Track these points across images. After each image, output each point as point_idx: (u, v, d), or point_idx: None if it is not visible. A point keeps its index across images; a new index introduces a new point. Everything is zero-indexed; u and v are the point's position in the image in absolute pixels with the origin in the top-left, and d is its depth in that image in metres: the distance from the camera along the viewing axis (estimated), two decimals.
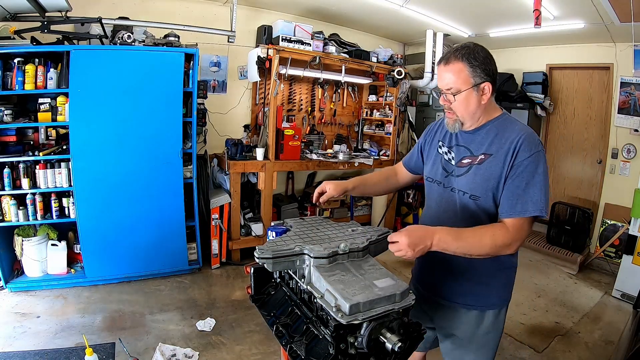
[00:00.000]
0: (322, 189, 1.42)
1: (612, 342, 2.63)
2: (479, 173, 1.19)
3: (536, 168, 1.11)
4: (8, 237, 2.89)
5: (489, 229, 1.13)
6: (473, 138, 1.24)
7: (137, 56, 2.87)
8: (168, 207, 3.10)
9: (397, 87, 4.23)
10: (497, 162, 1.16)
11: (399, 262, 3.57)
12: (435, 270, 1.33)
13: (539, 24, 2.80)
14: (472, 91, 1.16)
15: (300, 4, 3.93)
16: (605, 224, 3.97)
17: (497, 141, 1.18)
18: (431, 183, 1.37)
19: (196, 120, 3.14)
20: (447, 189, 1.29)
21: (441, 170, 1.32)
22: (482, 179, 1.18)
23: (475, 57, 1.14)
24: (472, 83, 1.15)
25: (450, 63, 1.16)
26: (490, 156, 1.18)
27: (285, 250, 1.05)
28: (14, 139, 2.76)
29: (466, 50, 1.15)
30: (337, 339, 0.90)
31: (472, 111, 1.19)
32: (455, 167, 1.26)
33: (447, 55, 1.18)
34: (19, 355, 2.06)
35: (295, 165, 3.81)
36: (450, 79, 1.16)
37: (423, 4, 3.65)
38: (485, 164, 1.18)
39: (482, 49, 1.17)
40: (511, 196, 1.13)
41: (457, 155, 1.27)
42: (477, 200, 1.19)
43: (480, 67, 1.14)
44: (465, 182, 1.22)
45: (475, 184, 1.19)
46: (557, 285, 3.55)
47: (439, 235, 1.08)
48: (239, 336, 2.47)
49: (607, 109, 4.00)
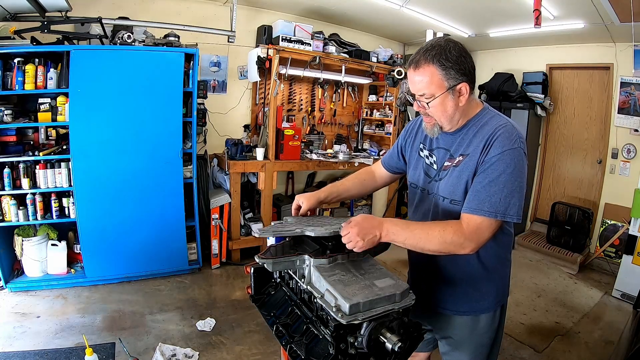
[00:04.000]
0: (297, 204, 1.37)
1: (612, 342, 2.63)
2: (455, 175, 1.13)
3: (505, 167, 1.02)
4: (8, 237, 2.89)
5: (441, 224, 1.07)
6: (454, 139, 1.16)
7: (137, 56, 2.87)
8: (168, 207, 3.10)
9: (397, 87, 4.23)
10: (472, 161, 1.09)
11: (399, 262, 3.57)
12: (426, 278, 1.30)
13: (539, 24, 2.80)
14: (447, 95, 1.06)
15: (300, 4, 3.93)
16: (605, 224, 3.97)
17: (474, 140, 1.10)
18: (414, 189, 1.31)
19: (196, 120, 3.14)
20: (429, 195, 1.23)
21: (423, 176, 1.25)
22: (458, 181, 1.11)
23: (447, 58, 1.03)
24: (446, 86, 1.05)
25: (420, 67, 1.06)
26: (467, 156, 1.11)
27: (286, 231, 1.04)
28: (14, 139, 2.76)
29: (437, 50, 1.04)
30: (337, 339, 0.90)
31: (450, 115, 1.10)
32: (439, 171, 1.20)
33: (417, 58, 1.06)
34: (19, 355, 2.06)
35: (295, 165, 3.81)
36: (422, 85, 1.07)
37: (423, 4, 3.64)
38: (462, 165, 1.11)
39: (454, 46, 1.05)
40: (471, 192, 1.06)
41: (438, 158, 1.20)
42: (458, 205, 1.11)
43: (453, 68, 1.04)
44: (444, 186, 1.16)
45: (453, 187, 1.13)
46: (557, 285, 3.55)
47: (387, 226, 1.05)
48: (239, 336, 2.47)
49: (607, 109, 4.00)
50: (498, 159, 1.03)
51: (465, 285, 1.23)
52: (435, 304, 1.29)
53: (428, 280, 1.29)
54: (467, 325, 1.26)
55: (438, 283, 1.27)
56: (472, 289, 1.23)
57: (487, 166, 1.05)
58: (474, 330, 1.26)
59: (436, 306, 1.29)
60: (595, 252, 4.01)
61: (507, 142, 1.04)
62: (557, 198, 4.39)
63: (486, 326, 1.26)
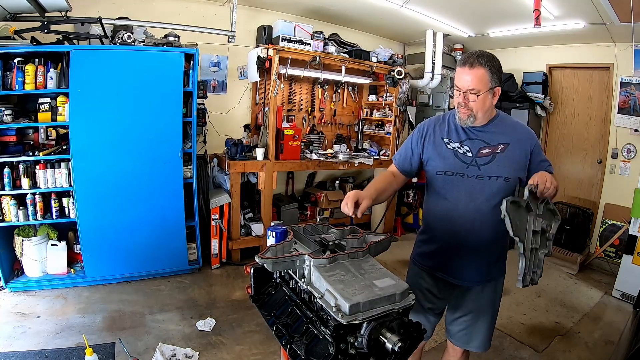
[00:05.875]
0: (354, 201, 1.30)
1: (612, 342, 2.63)
2: (506, 159, 1.39)
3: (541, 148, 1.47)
4: (8, 237, 2.89)
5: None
6: (484, 132, 1.43)
7: (137, 56, 2.87)
8: (168, 207, 3.10)
9: (397, 87, 4.23)
10: (518, 149, 1.40)
11: (399, 262, 3.57)
12: (453, 257, 1.46)
13: (539, 24, 2.80)
14: (488, 93, 1.35)
15: (300, 4, 3.93)
16: (605, 224, 3.97)
17: (507, 133, 1.42)
18: (450, 176, 1.43)
19: (196, 120, 3.14)
20: (471, 177, 1.41)
21: (459, 162, 1.42)
22: (511, 163, 1.39)
23: (494, 65, 1.34)
24: (489, 86, 1.34)
25: (474, 67, 1.32)
26: (509, 145, 1.40)
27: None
28: (14, 139, 2.76)
29: (487, 57, 1.33)
30: (337, 339, 0.90)
31: (486, 109, 1.38)
32: (475, 157, 1.41)
33: (471, 60, 1.33)
34: (19, 355, 2.06)
35: (295, 165, 3.81)
36: (474, 82, 1.33)
37: (423, 4, 3.65)
38: (508, 151, 1.40)
39: (496, 58, 1.37)
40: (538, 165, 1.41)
41: (472, 147, 1.42)
42: (509, 181, 1.38)
43: (496, 74, 1.35)
44: (496, 168, 1.39)
45: (507, 168, 1.38)
46: (557, 285, 3.56)
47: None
48: (239, 336, 2.47)
49: (607, 109, 4.00)
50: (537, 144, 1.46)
51: (487, 258, 1.46)
52: (461, 278, 1.48)
53: (454, 256, 1.46)
54: (491, 291, 1.51)
55: (462, 259, 1.45)
56: (491, 260, 1.48)
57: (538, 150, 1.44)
58: (496, 293, 1.53)
59: (462, 280, 1.48)
60: (595, 252, 4.01)
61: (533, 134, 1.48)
62: (558, 198, 4.36)
63: (500, 289, 1.55)
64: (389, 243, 1.21)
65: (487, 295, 1.52)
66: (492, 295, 1.53)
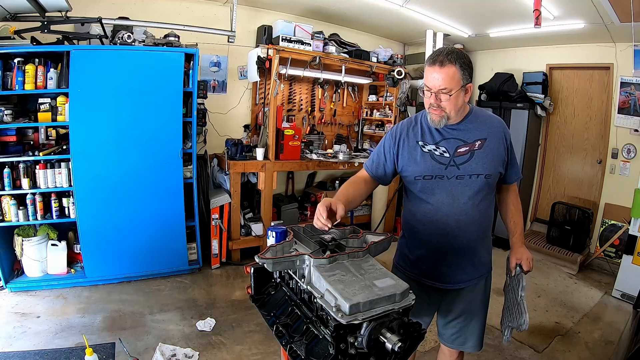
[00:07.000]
0: (329, 209, 1.22)
1: (612, 342, 2.63)
2: (484, 155, 1.37)
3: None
4: (8, 237, 2.89)
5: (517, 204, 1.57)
6: (459, 130, 1.39)
7: (137, 56, 2.87)
8: (168, 207, 3.10)
9: (397, 87, 4.23)
10: (495, 143, 1.39)
11: None
12: (440, 261, 1.43)
13: (539, 24, 2.80)
14: (461, 91, 1.30)
15: (300, 4, 3.93)
16: (605, 224, 3.97)
17: (482, 128, 1.39)
18: (429, 180, 1.38)
19: (196, 120, 3.14)
20: (451, 178, 1.37)
21: (437, 165, 1.38)
22: (490, 158, 1.37)
23: (465, 62, 1.28)
24: (461, 84, 1.29)
25: (445, 66, 1.26)
26: (486, 140, 1.38)
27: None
28: (14, 139, 2.76)
29: (457, 54, 1.28)
30: (337, 339, 0.90)
31: (459, 107, 1.34)
32: (453, 157, 1.37)
33: (441, 58, 1.27)
34: (19, 355, 2.06)
35: (295, 165, 3.81)
36: (446, 80, 1.27)
37: (423, 4, 3.64)
38: (486, 146, 1.37)
39: (466, 55, 1.33)
40: (511, 166, 1.47)
41: (449, 147, 1.38)
42: (489, 178, 1.37)
43: (467, 71, 1.29)
44: (476, 165, 1.36)
45: (486, 164, 1.36)
46: (557, 285, 3.55)
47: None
48: (239, 336, 2.47)
49: (607, 109, 4.00)
50: (510, 139, 1.45)
51: (476, 259, 1.46)
52: (451, 282, 1.45)
53: (443, 261, 1.43)
54: (481, 289, 1.51)
55: (451, 264, 1.43)
56: (479, 261, 1.47)
57: (511, 147, 1.45)
58: (485, 291, 1.53)
59: (451, 283, 1.45)
60: (595, 252, 4.01)
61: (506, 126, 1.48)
62: (557, 198, 4.38)
63: (489, 285, 1.56)
64: (389, 243, 1.21)
65: (478, 294, 1.51)
66: (483, 293, 1.53)
